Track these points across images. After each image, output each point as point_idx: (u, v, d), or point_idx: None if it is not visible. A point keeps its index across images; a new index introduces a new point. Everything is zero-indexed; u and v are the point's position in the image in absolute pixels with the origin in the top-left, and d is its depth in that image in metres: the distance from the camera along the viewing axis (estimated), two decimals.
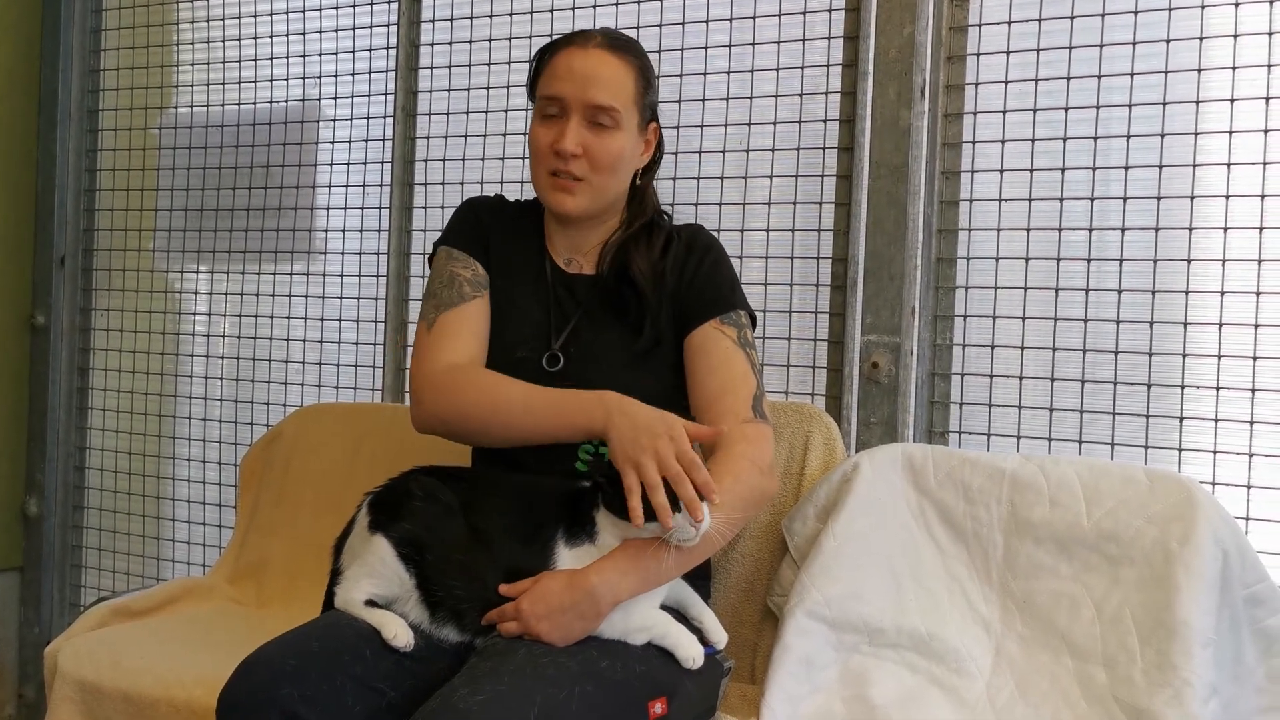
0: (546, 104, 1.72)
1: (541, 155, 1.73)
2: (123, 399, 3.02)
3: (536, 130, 1.74)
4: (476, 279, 1.77)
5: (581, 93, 1.69)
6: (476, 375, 1.68)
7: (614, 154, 1.72)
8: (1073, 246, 2.07)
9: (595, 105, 1.69)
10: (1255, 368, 1.92)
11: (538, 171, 1.75)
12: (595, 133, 1.70)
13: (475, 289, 1.76)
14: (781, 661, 1.77)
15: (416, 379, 1.71)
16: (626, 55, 1.74)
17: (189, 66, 2.96)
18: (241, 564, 2.41)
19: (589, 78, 1.70)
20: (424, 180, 2.63)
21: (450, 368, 1.69)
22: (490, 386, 1.65)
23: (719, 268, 1.77)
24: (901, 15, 2.13)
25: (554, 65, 1.73)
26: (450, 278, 1.77)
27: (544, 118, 1.73)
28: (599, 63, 1.71)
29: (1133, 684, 1.65)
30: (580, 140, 1.69)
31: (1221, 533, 1.71)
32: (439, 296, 1.76)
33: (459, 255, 1.79)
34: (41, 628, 3.03)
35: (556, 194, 1.73)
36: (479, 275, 1.78)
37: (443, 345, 1.71)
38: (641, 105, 1.75)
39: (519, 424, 1.62)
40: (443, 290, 1.76)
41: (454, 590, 1.53)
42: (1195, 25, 1.97)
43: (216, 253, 2.91)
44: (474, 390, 1.65)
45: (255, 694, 1.40)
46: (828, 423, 2.06)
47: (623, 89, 1.72)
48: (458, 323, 1.73)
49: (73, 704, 1.91)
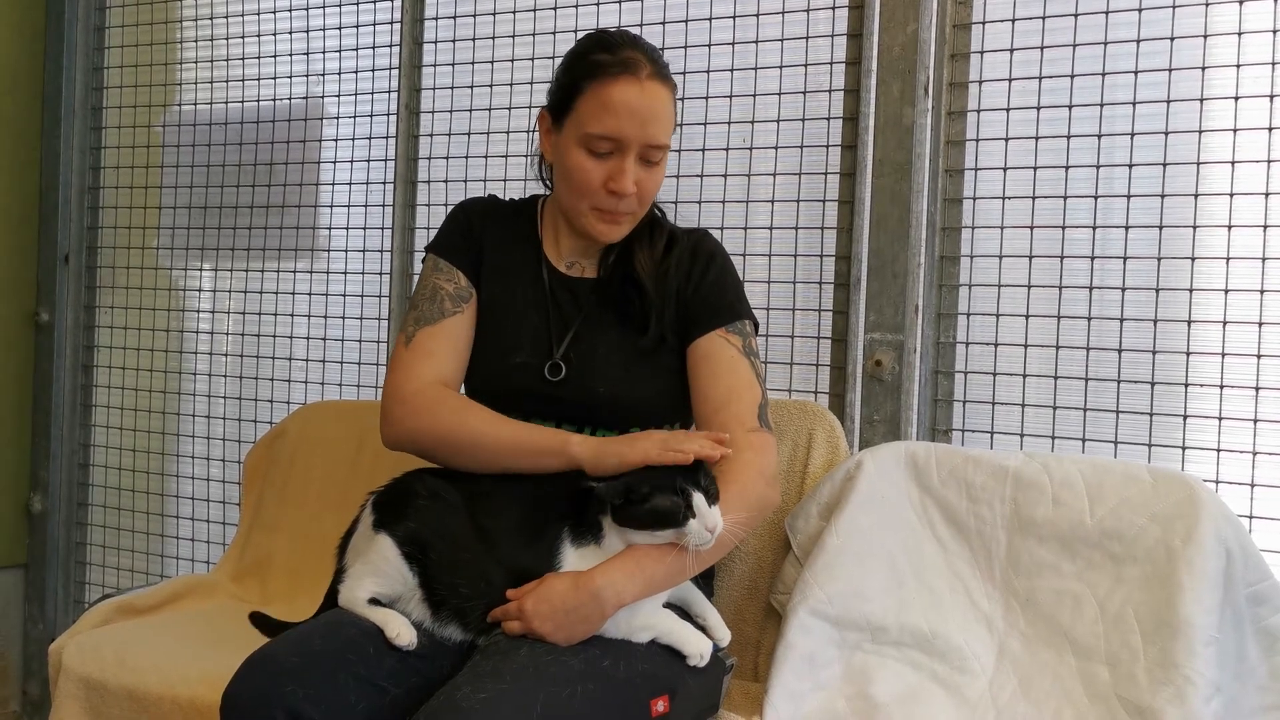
0: (599, 144, 1.65)
1: (591, 191, 1.67)
2: (127, 396, 3.03)
3: (583, 163, 1.66)
4: (458, 292, 1.76)
5: (641, 133, 1.64)
6: (450, 400, 1.68)
7: (659, 183, 1.72)
8: (1076, 244, 2.06)
9: (656, 146, 1.66)
10: (1259, 366, 1.92)
11: (579, 204, 1.70)
12: (647, 169, 1.68)
13: (456, 304, 1.75)
14: (784, 659, 1.77)
15: (389, 395, 1.70)
16: (669, 82, 1.69)
17: (193, 64, 2.96)
18: (245, 561, 2.41)
19: (648, 117, 1.64)
20: (427, 178, 2.63)
21: (424, 388, 1.68)
22: (461, 416, 1.64)
23: (724, 276, 1.77)
24: (905, 13, 2.13)
25: (608, 100, 1.63)
26: (433, 291, 1.76)
27: (593, 153, 1.66)
28: (654, 99, 1.65)
29: (1135, 682, 1.65)
30: (635, 178, 1.66)
31: (1224, 531, 1.71)
32: (420, 309, 1.75)
33: (444, 266, 1.77)
34: (46, 625, 3.04)
35: (604, 227, 1.71)
36: (461, 288, 1.76)
37: (418, 363, 1.70)
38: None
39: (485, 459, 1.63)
40: (424, 303, 1.75)
41: (457, 589, 1.53)
42: (1199, 23, 1.97)
43: (220, 250, 2.92)
44: (446, 415, 1.65)
45: (259, 691, 1.40)
46: (831, 421, 2.06)
47: (671, 120, 1.69)
48: (435, 340, 1.72)
49: (77, 701, 1.92)
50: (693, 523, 1.46)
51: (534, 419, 1.70)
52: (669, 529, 1.47)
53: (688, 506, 1.46)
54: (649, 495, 1.47)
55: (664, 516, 1.46)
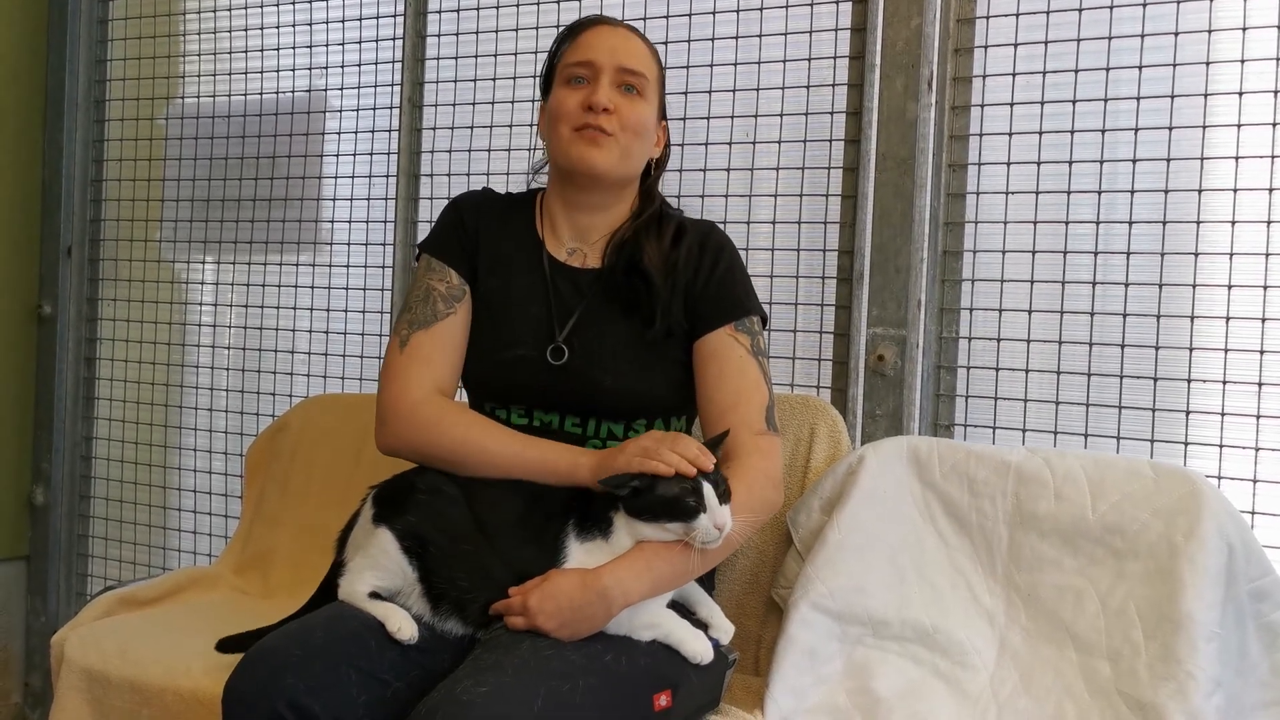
0: (574, 70, 1.73)
1: (568, 114, 1.71)
2: (129, 389, 3.03)
3: (562, 95, 1.73)
4: (451, 292, 1.75)
5: (613, 58, 1.72)
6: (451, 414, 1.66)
7: (641, 117, 1.73)
8: (1079, 240, 2.06)
9: (627, 69, 1.72)
10: (1262, 362, 1.92)
11: (561, 132, 1.72)
12: (625, 97, 1.72)
13: (449, 304, 1.74)
14: (786, 654, 1.77)
15: (385, 404, 1.69)
16: (648, 42, 1.80)
17: (196, 57, 2.96)
18: (247, 554, 2.41)
19: (619, 47, 1.73)
20: (430, 171, 2.62)
21: (424, 401, 1.67)
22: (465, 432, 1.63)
23: (732, 271, 1.75)
24: (909, 7, 2.12)
25: (583, 39, 1.75)
26: (426, 292, 1.75)
27: (570, 84, 1.73)
28: (628, 37, 1.76)
29: (1137, 677, 1.65)
30: (611, 99, 1.70)
31: (1227, 527, 1.71)
32: (414, 311, 1.74)
33: (436, 266, 1.77)
34: (48, 617, 3.05)
35: (585, 147, 1.71)
36: (454, 287, 1.75)
37: (414, 370, 1.69)
38: (660, 92, 1.80)
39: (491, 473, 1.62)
40: (418, 305, 1.75)
41: (457, 583, 1.53)
42: (1204, 18, 1.97)
43: (223, 243, 2.92)
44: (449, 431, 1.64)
45: (261, 684, 1.40)
46: (833, 415, 2.06)
47: (650, 64, 1.76)
48: (430, 345, 1.71)
49: (79, 693, 1.92)
50: (702, 518, 1.46)
51: (536, 412, 1.70)
52: (679, 521, 1.47)
53: (699, 499, 1.46)
54: (659, 482, 1.47)
55: (674, 505, 1.46)
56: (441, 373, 1.71)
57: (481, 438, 1.63)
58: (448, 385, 1.73)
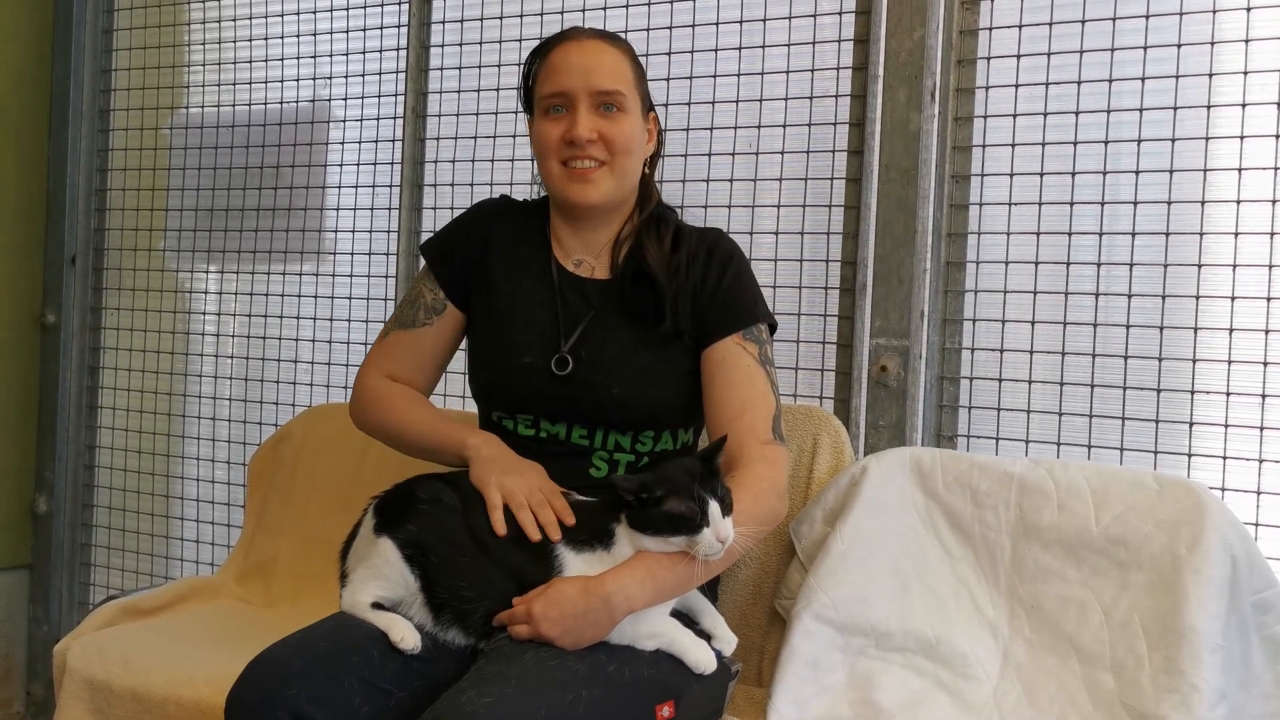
0: (550, 101, 1.71)
1: (552, 149, 1.71)
2: (132, 398, 3.03)
3: (543, 128, 1.72)
4: (434, 304, 1.82)
5: (585, 82, 1.69)
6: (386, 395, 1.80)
7: (628, 135, 1.72)
8: (1082, 251, 2.06)
9: (602, 91, 1.69)
10: (1265, 373, 1.91)
11: (551, 167, 1.73)
12: (606, 118, 1.70)
13: (429, 315, 1.82)
14: (788, 664, 1.77)
15: (355, 383, 1.85)
16: (618, 43, 1.77)
17: (200, 67, 2.97)
18: (250, 563, 2.41)
19: (589, 67, 1.70)
20: (434, 181, 2.63)
21: (373, 385, 1.82)
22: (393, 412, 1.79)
23: (741, 279, 1.75)
24: (912, 19, 2.13)
25: (550, 64, 1.72)
26: (416, 296, 1.84)
27: (549, 116, 1.72)
28: (596, 51, 1.72)
29: (1140, 689, 1.65)
30: (593, 126, 1.69)
31: (1230, 538, 1.71)
32: (402, 311, 1.86)
33: (430, 275, 1.83)
34: (50, 626, 3.04)
35: (575, 185, 1.71)
36: (437, 300, 1.82)
37: (381, 361, 1.84)
38: (641, 91, 1.77)
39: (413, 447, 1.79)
40: (406, 306, 1.85)
41: (459, 592, 1.53)
42: (1207, 30, 1.96)
43: (226, 252, 2.92)
44: (383, 412, 1.80)
45: (263, 694, 1.40)
46: (836, 426, 2.05)
47: (623, 73, 1.73)
48: (402, 344, 1.83)
49: (81, 702, 1.92)
50: (705, 532, 1.46)
51: (543, 422, 1.71)
52: (682, 535, 1.47)
53: (703, 514, 1.46)
54: (664, 499, 1.47)
55: (679, 522, 1.46)
56: (402, 368, 1.82)
57: (404, 413, 1.78)
58: (407, 380, 1.83)
